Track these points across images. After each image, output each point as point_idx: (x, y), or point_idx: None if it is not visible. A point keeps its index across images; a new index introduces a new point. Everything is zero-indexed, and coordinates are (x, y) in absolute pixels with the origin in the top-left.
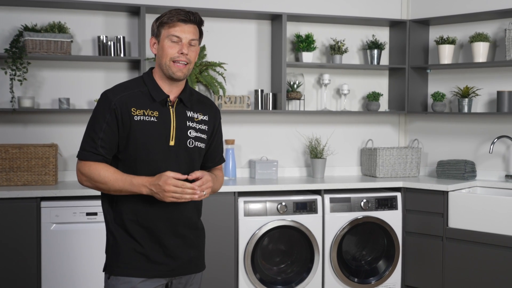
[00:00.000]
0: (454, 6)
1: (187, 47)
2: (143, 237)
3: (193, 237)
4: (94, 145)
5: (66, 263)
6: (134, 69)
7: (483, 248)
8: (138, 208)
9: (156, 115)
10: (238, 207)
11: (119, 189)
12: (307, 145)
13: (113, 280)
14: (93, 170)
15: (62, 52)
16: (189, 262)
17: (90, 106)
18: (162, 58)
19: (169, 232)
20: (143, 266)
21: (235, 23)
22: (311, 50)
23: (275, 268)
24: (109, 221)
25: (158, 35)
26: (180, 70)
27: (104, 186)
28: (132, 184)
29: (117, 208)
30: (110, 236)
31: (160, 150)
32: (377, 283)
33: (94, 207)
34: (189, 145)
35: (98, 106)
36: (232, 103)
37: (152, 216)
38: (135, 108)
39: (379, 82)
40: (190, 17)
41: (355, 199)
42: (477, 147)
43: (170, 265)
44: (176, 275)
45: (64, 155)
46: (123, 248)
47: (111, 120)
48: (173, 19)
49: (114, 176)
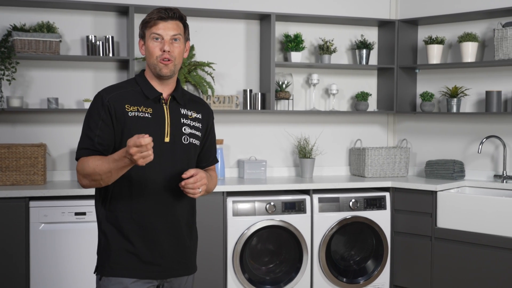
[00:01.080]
0: (443, 6)
1: (169, 44)
2: (136, 235)
3: (187, 237)
4: (92, 142)
5: (54, 263)
6: (123, 69)
7: (471, 248)
8: (133, 205)
9: (150, 112)
10: (227, 207)
11: (107, 170)
12: (295, 145)
13: (104, 281)
14: (84, 163)
15: (50, 52)
16: (182, 264)
17: (79, 106)
18: (149, 59)
19: (165, 232)
20: (135, 266)
21: (224, 23)
22: (300, 50)
23: (264, 268)
24: (101, 221)
25: (143, 36)
26: (166, 66)
27: (96, 175)
28: (115, 160)
29: (110, 206)
30: (102, 236)
31: (155, 147)
32: (366, 283)
33: (82, 207)
34: (184, 142)
35: (92, 105)
36: (221, 103)
37: (148, 212)
38: (129, 105)
39: (368, 82)
40: (169, 14)
41: (344, 199)
42: (466, 147)
43: (162, 265)
44: (168, 276)
45: (53, 155)
46: (114, 248)
47: (106, 117)
48: (153, 17)
49: (100, 161)
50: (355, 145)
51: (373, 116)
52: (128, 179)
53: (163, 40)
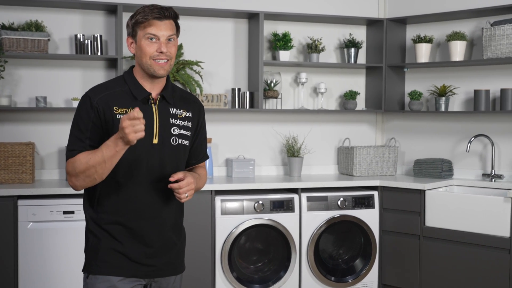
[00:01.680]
0: (431, 5)
1: (166, 44)
2: (125, 237)
3: (176, 238)
4: (83, 144)
5: (43, 261)
6: (111, 68)
7: (460, 246)
8: (121, 209)
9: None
10: (215, 205)
11: (101, 160)
12: (284, 143)
13: (91, 279)
14: (74, 161)
15: (39, 51)
16: (169, 264)
17: (67, 104)
18: (142, 58)
19: (153, 233)
20: (122, 265)
21: (212, 22)
22: (288, 49)
23: (252, 267)
24: (89, 221)
25: (134, 35)
26: (162, 67)
27: (90, 169)
28: (107, 145)
29: (98, 209)
30: (91, 235)
31: (143, 149)
32: (354, 282)
33: (71, 206)
34: (172, 143)
35: (80, 107)
36: (209, 101)
37: (136, 216)
38: (117, 107)
39: (356, 81)
40: (165, 13)
41: (332, 198)
42: (454, 146)
43: (150, 265)
44: (155, 276)
45: (41, 154)
46: (103, 247)
47: (95, 119)
48: (148, 17)
49: (91, 154)
50: (344, 144)
51: (361, 115)
52: (116, 180)
53: (159, 41)
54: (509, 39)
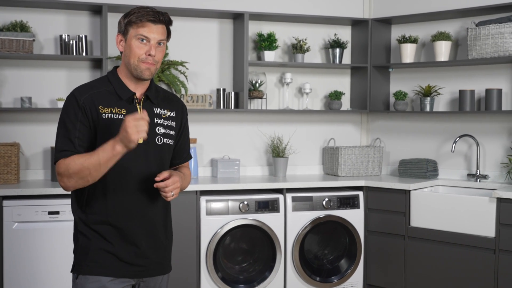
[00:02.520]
0: (416, 5)
1: (155, 48)
2: (114, 237)
3: (163, 238)
4: (72, 144)
5: (28, 261)
6: (96, 68)
7: (445, 247)
8: (109, 209)
9: (124, 113)
10: (200, 206)
11: (96, 163)
12: (269, 144)
13: (81, 279)
14: (68, 162)
15: (24, 51)
16: (158, 263)
17: (53, 105)
18: (130, 58)
19: (141, 233)
20: (113, 265)
21: (197, 22)
22: (273, 49)
23: (237, 267)
24: (78, 222)
25: (126, 33)
26: (148, 69)
27: (84, 171)
28: (104, 149)
29: (86, 209)
30: (81, 236)
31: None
32: (339, 282)
33: (56, 206)
34: (158, 142)
35: (67, 107)
36: (194, 102)
37: (124, 216)
38: (103, 106)
39: (341, 81)
40: (160, 17)
41: (317, 198)
42: (439, 146)
43: (139, 265)
44: (144, 276)
45: (26, 154)
46: (93, 247)
47: (83, 118)
48: (142, 19)
49: (86, 156)
50: (329, 144)
51: (346, 115)
52: (102, 180)
53: (150, 44)
54: (494, 39)
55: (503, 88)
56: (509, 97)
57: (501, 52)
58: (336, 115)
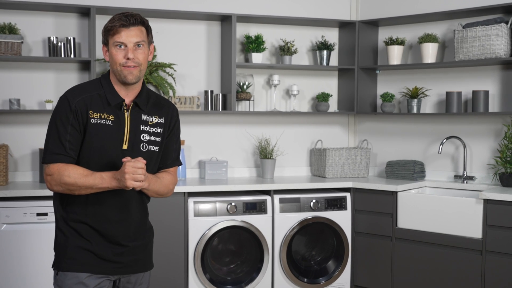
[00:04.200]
0: (403, 7)
1: (133, 51)
2: (92, 235)
3: (142, 238)
4: (63, 147)
5: (17, 262)
6: (84, 70)
7: (432, 248)
8: (88, 210)
9: (112, 119)
10: (188, 207)
11: (89, 185)
12: (256, 145)
13: (61, 275)
14: (63, 171)
15: (12, 53)
16: (137, 261)
17: (41, 107)
18: (113, 65)
19: (119, 234)
20: (90, 262)
21: (185, 24)
22: (261, 51)
23: (225, 268)
24: (58, 219)
25: (106, 43)
26: (131, 73)
27: (74, 186)
28: (102, 178)
29: (67, 208)
30: (59, 233)
31: (113, 154)
32: (327, 283)
33: (44, 207)
34: (142, 149)
35: (59, 109)
36: (182, 103)
37: (102, 218)
38: (93, 111)
39: (329, 83)
40: (131, 20)
41: (305, 200)
42: (426, 148)
43: (118, 262)
44: (123, 273)
45: (15, 156)
46: (71, 245)
47: (74, 121)
48: (115, 25)
49: (84, 173)
50: (316, 145)
51: (333, 116)
52: None
53: (127, 48)
54: (480, 41)
55: (489, 90)
56: (496, 99)
57: (487, 54)
58: (323, 117)
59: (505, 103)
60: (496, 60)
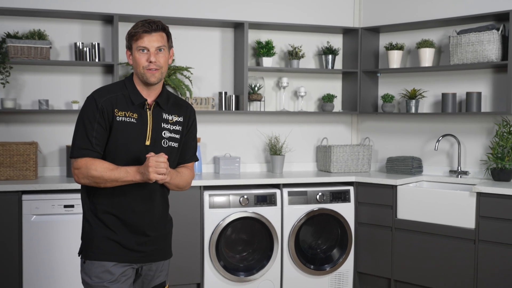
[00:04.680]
0: (402, 15)
1: (155, 54)
2: (117, 226)
3: (163, 228)
4: (89, 143)
5: (45, 251)
6: (108, 73)
7: (429, 237)
8: (114, 201)
9: (136, 117)
10: (204, 200)
11: (115, 179)
12: (267, 142)
13: (88, 264)
14: (90, 165)
15: (41, 57)
16: (158, 251)
17: (68, 107)
18: (137, 68)
19: (143, 223)
20: (116, 251)
21: (201, 31)
22: (271, 56)
23: (238, 256)
24: (86, 211)
25: (130, 47)
26: (153, 75)
27: (101, 179)
28: (127, 172)
29: (94, 199)
30: (86, 224)
31: (137, 149)
32: (332, 270)
33: (71, 200)
34: (163, 145)
35: (86, 108)
36: (198, 104)
37: (127, 208)
38: (118, 109)
39: (333, 85)
40: (153, 27)
41: (311, 193)
42: (424, 145)
43: (141, 252)
44: (146, 261)
45: (44, 152)
46: (98, 235)
47: (100, 119)
48: (139, 31)
49: (110, 167)
50: (322, 143)
51: (338, 116)
52: None
53: (149, 52)
54: (473, 47)
55: (482, 91)
56: (488, 99)
57: (480, 58)
58: (328, 116)
59: (496, 103)
60: (488, 64)
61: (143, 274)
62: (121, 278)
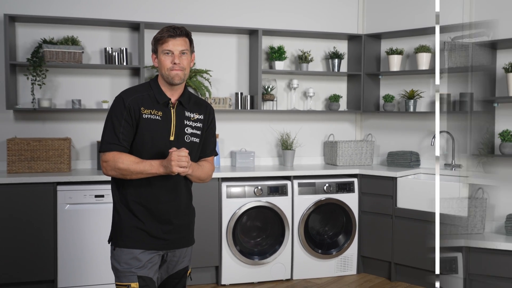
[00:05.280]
0: (402, 23)
1: (179, 57)
2: (144, 215)
3: (186, 217)
4: (117, 138)
5: (78, 237)
6: (135, 76)
7: (425, 224)
8: (141, 191)
9: (160, 115)
10: (222, 190)
11: (140, 171)
12: (279, 138)
13: (118, 251)
14: (117, 158)
15: (74, 61)
16: (182, 238)
17: (98, 106)
18: (162, 70)
19: (168, 213)
20: (143, 239)
21: (219, 37)
22: (282, 60)
23: (252, 241)
24: (116, 201)
25: (156, 51)
26: (177, 75)
27: (127, 171)
28: (152, 165)
29: (123, 191)
30: (116, 214)
31: (162, 144)
32: (338, 254)
33: (101, 190)
34: (186, 140)
35: (115, 106)
36: (217, 103)
37: (154, 198)
38: (144, 108)
39: (339, 86)
40: (177, 32)
41: (319, 184)
42: (421, 140)
43: (166, 240)
44: (171, 248)
45: (76, 147)
46: (126, 225)
47: (127, 117)
48: (164, 36)
49: (136, 160)
50: (329, 139)
51: (343, 114)
52: None
53: (173, 55)
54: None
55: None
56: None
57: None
58: (334, 115)
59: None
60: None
61: (168, 260)
62: (147, 264)
